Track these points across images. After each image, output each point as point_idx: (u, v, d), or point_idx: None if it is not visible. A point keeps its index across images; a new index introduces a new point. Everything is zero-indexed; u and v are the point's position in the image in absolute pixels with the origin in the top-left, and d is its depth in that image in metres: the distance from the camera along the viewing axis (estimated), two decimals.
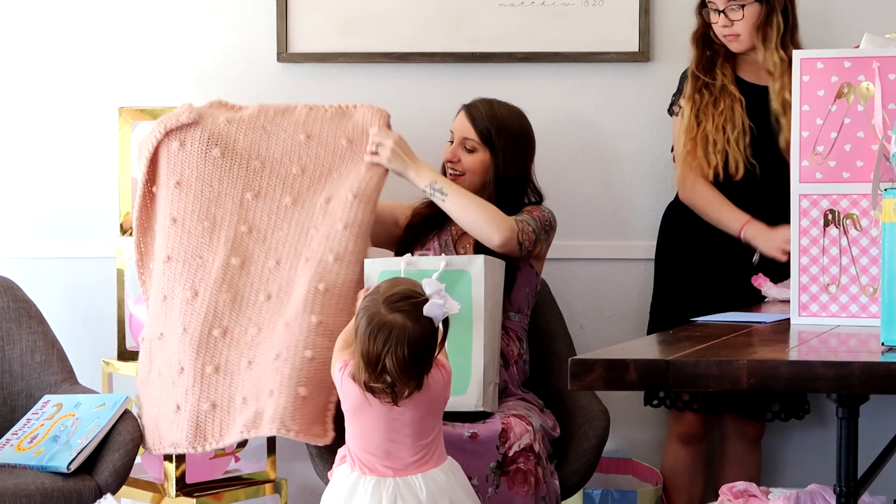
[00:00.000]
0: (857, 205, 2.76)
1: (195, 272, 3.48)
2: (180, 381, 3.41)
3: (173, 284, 3.50)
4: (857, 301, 2.76)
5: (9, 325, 3.68)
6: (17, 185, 4.18)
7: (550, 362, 3.71)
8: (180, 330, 3.45)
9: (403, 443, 2.94)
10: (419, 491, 2.91)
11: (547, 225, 3.54)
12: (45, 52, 4.16)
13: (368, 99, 4.06)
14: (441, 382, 2.97)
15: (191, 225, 3.50)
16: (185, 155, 3.52)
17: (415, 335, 2.87)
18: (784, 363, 2.17)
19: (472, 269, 3.27)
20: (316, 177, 3.57)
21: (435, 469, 2.95)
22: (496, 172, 3.54)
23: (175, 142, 3.53)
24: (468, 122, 3.58)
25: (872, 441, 3.07)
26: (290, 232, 3.53)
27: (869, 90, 2.75)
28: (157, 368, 3.49)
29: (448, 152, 3.60)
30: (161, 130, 3.53)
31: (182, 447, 3.40)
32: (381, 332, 2.86)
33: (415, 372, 2.88)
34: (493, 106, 3.60)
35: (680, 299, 3.77)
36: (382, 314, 2.88)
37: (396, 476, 2.93)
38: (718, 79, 3.75)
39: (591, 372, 2.18)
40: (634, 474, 4.01)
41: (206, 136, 3.53)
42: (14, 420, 3.58)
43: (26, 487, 3.20)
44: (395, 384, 2.87)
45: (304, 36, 4.11)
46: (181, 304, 3.47)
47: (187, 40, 4.15)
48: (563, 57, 4.08)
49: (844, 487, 2.39)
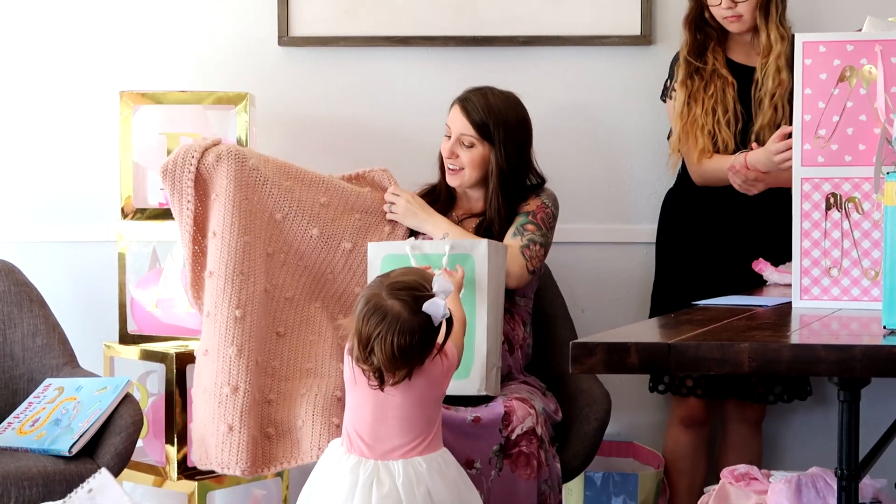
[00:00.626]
0: (859, 188, 2.76)
1: (240, 290, 3.39)
2: (233, 402, 3.31)
3: (216, 300, 3.40)
4: (859, 284, 2.76)
5: (10, 309, 3.68)
6: (18, 168, 4.18)
7: (552, 346, 3.71)
8: (233, 350, 3.34)
9: (392, 425, 2.91)
10: (396, 476, 2.88)
11: (551, 221, 3.55)
12: (46, 35, 4.16)
13: (370, 83, 4.06)
14: (440, 372, 2.93)
15: (230, 239, 3.41)
16: (221, 168, 3.46)
17: (408, 326, 2.83)
18: (786, 346, 2.16)
19: (476, 252, 3.27)
20: (340, 210, 3.59)
21: (419, 458, 2.91)
22: (498, 164, 3.52)
23: (210, 156, 3.47)
24: (464, 118, 3.54)
25: (874, 424, 3.07)
26: (307, 270, 3.55)
27: (871, 73, 2.74)
28: (203, 385, 3.41)
29: (445, 149, 3.58)
30: (199, 149, 3.47)
31: (233, 469, 3.30)
32: (375, 315, 2.84)
33: (402, 363, 2.84)
34: (486, 97, 3.56)
35: (681, 284, 3.78)
36: (381, 298, 2.86)
37: (377, 459, 2.91)
38: (710, 63, 3.75)
39: (592, 355, 2.18)
40: (636, 457, 4.02)
41: (237, 153, 3.49)
42: (15, 404, 3.58)
43: (28, 471, 3.20)
44: (382, 370, 2.86)
45: (305, 20, 4.11)
46: (230, 323, 3.36)
47: (188, 24, 4.14)
48: (566, 41, 4.07)
49: (846, 470, 2.39)
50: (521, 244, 3.47)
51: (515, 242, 3.47)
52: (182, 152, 3.48)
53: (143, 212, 3.81)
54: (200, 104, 3.84)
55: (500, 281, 3.35)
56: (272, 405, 3.38)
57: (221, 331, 3.37)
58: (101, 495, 3.06)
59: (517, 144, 3.56)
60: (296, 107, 4.13)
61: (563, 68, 4.10)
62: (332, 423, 3.29)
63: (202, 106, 3.85)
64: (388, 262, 3.29)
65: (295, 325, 3.49)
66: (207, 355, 3.40)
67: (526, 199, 3.57)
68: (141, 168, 3.87)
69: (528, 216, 3.52)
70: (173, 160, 3.48)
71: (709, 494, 3.28)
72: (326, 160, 4.12)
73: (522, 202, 3.57)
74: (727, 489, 3.22)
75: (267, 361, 3.42)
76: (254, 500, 3.86)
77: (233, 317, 3.36)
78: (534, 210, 3.54)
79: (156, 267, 3.89)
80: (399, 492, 2.87)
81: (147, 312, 3.81)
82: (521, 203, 3.57)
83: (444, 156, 3.58)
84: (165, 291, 3.79)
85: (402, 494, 2.86)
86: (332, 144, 4.13)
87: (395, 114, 4.09)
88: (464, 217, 3.62)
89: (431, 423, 2.96)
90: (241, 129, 3.78)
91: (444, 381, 2.97)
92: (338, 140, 4.13)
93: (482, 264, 3.25)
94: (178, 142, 3.78)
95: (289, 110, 4.13)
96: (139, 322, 3.84)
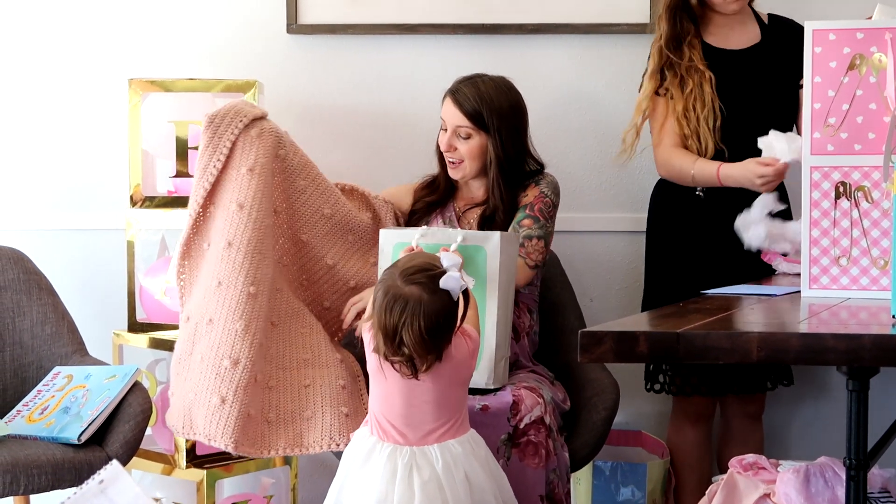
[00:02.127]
0: (868, 177, 2.75)
1: (257, 267, 3.37)
2: (230, 375, 3.28)
3: (231, 272, 3.35)
4: (868, 274, 2.75)
5: (19, 297, 3.68)
6: (27, 157, 4.18)
7: (560, 335, 3.71)
8: (240, 325, 3.31)
9: (424, 410, 2.94)
10: (435, 461, 2.92)
11: (550, 210, 3.54)
12: (54, 24, 4.16)
13: (378, 70, 4.06)
14: (465, 352, 2.96)
15: (257, 215, 3.38)
16: (261, 144, 3.45)
17: (431, 308, 2.86)
18: (795, 336, 2.16)
19: (489, 245, 3.25)
20: (338, 227, 3.59)
21: (452, 440, 2.95)
22: (496, 152, 3.51)
23: (255, 129, 3.47)
24: (457, 110, 3.52)
25: (882, 414, 3.06)
26: (285, 269, 3.55)
27: (881, 62, 2.73)
28: (200, 353, 3.36)
29: (443, 142, 3.56)
30: (249, 116, 3.47)
31: (218, 442, 3.27)
32: (398, 305, 2.86)
33: (432, 345, 2.87)
34: (477, 86, 3.53)
35: (673, 276, 3.74)
36: (399, 286, 2.87)
37: (413, 445, 2.94)
38: (686, 56, 3.69)
39: (601, 344, 2.18)
40: (644, 447, 4.02)
41: (277, 136, 3.50)
42: (25, 391, 3.59)
43: (37, 458, 3.21)
44: (414, 357, 2.87)
45: (313, 7, 4.10)
46: (242, 298, 3.33)
47: (197, 11, 4.14)
48: (573, 28, 4.07)
49: (854, 460, 2.39)
50: (523, 239, 3.46)
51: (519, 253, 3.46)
52: (232, 112, 3.46)
53: (151, 200, 3.81)
54: (209, 92, 3.84)
55: (512, 273, 3.34)
56: (273, 391, 3.37)
57: (232, 304, 3.33)
58: (112, 486, 3.07)
59: (512, 130, 3.54)
60: (304, 94, 4.13)
61: (571, 56, 4.10)
62: (342, 413, 3.29)
63: (211, 94, 3.85)
64: (399, 250, 3.28)
65: (286, 316, 3.47)
66: (211, 325, 3.35)
67: (525, 187, 3.56)
68: (150, 156, 3.87)
69: (526, 209, 3.51)
70: (221, 115, 3.45)
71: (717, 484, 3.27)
72: (335, 147, 4.12)
73: (522, 190, 3.57)
74: (735, 479, 3.21)
75: (266, 345, 3.41)
76: (262, 488, 3.86)
77: (246, 292, 3.33)
78: (531, 202, 3.53)
79: (164, 255, 3.90)
80: (440, 476, 2.90)
81: (156, 301, 3.82)
82: (520, 190, 3.56)
83: (443, 149, 3.57)
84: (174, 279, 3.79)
85: (443, 479, 2.90)
86: (340, 132, 4.13)
87: (403, 101, 4.09)
88: (466, 208, 3.62)
89: (461, 404, 3.00)
90: None
91: (470, 362, 3.00)
92: (346, 127, 4.13)
93: (494, 256, 3.24)
94: (186, 130, 3.78)
95: (297, 98, 4.13)
96: (148, 310, 3.85)
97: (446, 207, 3.62)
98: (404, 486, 2.89)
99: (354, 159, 4.07)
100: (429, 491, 2.89)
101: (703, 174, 3.63)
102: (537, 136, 3.67)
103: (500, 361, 3.26)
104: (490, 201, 3.56)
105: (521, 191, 3.56)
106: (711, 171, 3.61)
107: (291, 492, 3.86)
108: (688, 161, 3.67)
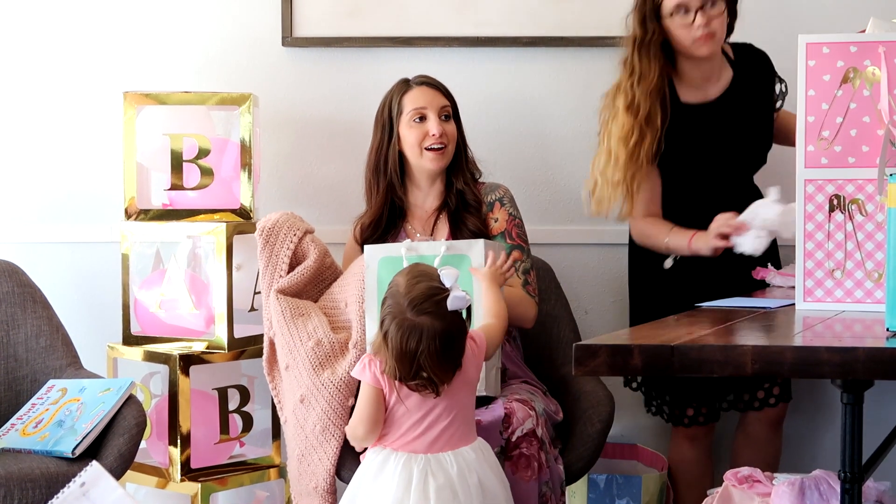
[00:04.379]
0: (862, 190, 2.75)
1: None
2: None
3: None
4: (862, 286, 2.75)
5: (13, 310, 3.68)
6: (22, 169, 4.18)
7: (555, 347, 3.71)
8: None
9: (440, 417, 2.95)
10: (449, 467, 2.93)
11: (524, 232, 3.57)
12: (49, 36, 4.16)
13: (374, 83, 4.06)
14: (471, 356, 2.99)
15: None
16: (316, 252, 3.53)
17: (445, 333, 2.89)
18: (789, 349, 2.16)
19: (472, 252, 3.25)
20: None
21: (465, 447, 2.98)
22: (461, 134, 3.58)
23: (306, 241, 3.54)
24: (436, 92, 3.56)
25: (877, 427, 3.07)
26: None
27: (875, 75, 2.74)
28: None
29: (434, 126, 3.50)
30: (301, 230, 3.53)
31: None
32: (413, 335, 2.88)
33: (450, 364, 2.91)
34: (427, 75, 3.62)
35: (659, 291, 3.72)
36: (410, 319, 2.89)
37: (427, 453, 2.95)
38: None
39: (595, 357, 2.18)
40: (639, 460, 4.01)
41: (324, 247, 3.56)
42: (19, 405, 3.58)
43: (31, 472, 3.20)
44: (433, 378, 2.90)
45: (309, 20, 4.11)
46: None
47: (192, 24, 4.14)
48: (569, 41, 4.07)
49: (849, 473, 2.39)
50: (521, 281, 3.48)
51: (516, 283, 3.46)
52: (286, 227, 3.52)
53: (146, 212, 3.81)
54: (204, 105, 3.84)
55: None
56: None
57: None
58: (94, 488, 3.05)
59: (459, 119, 3.61)
60: (299, 107, 4.13)
61: (567, 69, 4.10)
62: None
63: (206, 106, 3.85)
64: (384, 265, 3.26)
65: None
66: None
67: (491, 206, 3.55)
68: (144, 169, 3.87)
69: (506, 238, 3.51)
70: (276, 229, 3.52)
71: (712, 497, 3.27)
72: (329, 160, 4.13)
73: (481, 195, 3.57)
74: (730, 492, 3.21)
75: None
76: (257, 501, 3.86)
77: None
78: (507, 229, 3.53)
79: (159, 268, 3.89)
80: (455, 482, 2.92)
81: (150, 313, 3.81)
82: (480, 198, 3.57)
83: (432, 133, 3.51)
84: (169, 292, 3.79)
85: (457, 485, 2.92)
86: (335, 145, 4.13)
87: None
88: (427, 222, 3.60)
89: (468, 408, 3.02)
90: (245, 130, 3.78)
91: (474, 364, 3.02)
92: (341, 141, 4.13)
93: (479, 264, 3.24)
94: (181, 142, 3.78)
95: (292, 111, 4.13)
96: (142, 323, 3.84)
97: (399, 234, 3.60)
98: (419, 493, 2.91)
99: (348, 172, 4.07)
100: (443, 497, 2.90)
101: (677, 246, 3.58)
102: (531, 148, 3.67)
103: (492, 370, 3.26)
104: (455, 185, 3.55)
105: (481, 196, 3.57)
106: (683, 247, 3.55)
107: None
108: (662, 232, 3.62)
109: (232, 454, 3.84)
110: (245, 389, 3.83)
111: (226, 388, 3.79)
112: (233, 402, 3.80)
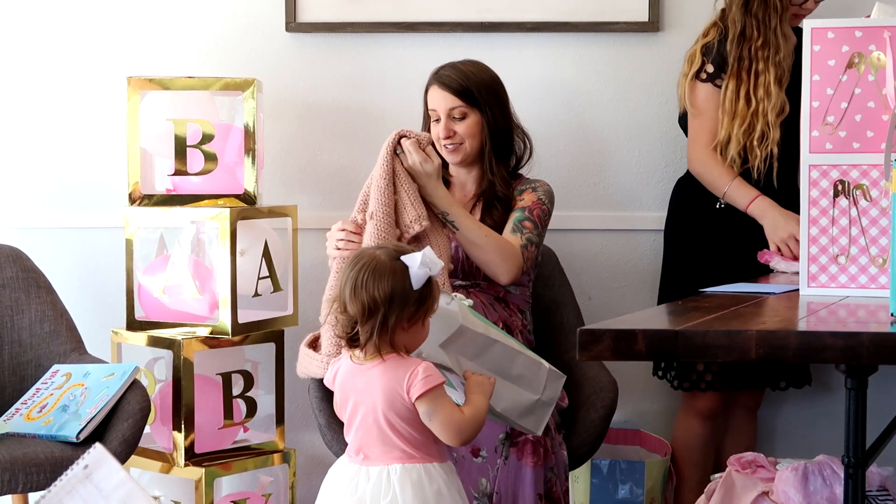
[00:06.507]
0: (867, 175, 2.75)
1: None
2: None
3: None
4: (867, 272, 2.75)
5: (18, 295, 3.68)
6: (26, 155, 4.18)
7: (559, 333, 3.71)
8: None
9: (370, 431, 2.77)
10: (368, 481, 2.78)
11: (546, 219, 3.54)
12: (53, 21, 4.16)
13: (377, 68, 4.06)
14: (404, 372, 2.72)
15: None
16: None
17: (383, 268, 2.69)
18: (793, 334, 2.16)
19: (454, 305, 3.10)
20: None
21: (396, 465, 2.75)
22: (489, 125, 3.54)
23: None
24: (447, 93, 3.53)
25: (881, 412, 3.07)
26: None
27: (880, 60, 2.73)
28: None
29: (441, 130, 3.53)
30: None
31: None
32: (353, 263, 2.74)
33: (375, 309, 2.67)
34: (455, 67, 3.57)
35: (691, 273, 3.75)
36: (362, 252, 2.78)
37: (362, 464, 2.80)
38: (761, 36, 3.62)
39: (599, 342, 2.18)
40: (642, 445, 4.02)
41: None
42: (23, 390, 3.59)
43: (36, 457, 3.21)
44: (357, 321, 2.71)
45: (312, 6, 4.10)
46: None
47: (196, 9, 4.14)
48: (573, 27, 4.07)
49: (852, 458, 2.39)
50: (521, 243, 3.46)
51: (515, 240, 3.45)
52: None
53: (150, 198, 3.81)
54: (208, 90, 3.84)
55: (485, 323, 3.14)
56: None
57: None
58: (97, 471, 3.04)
59: (500, 102, 3.57)
60: (303, 93, 4.13)
61: (570, 55, 4.09)
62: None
63: (210, 92, 3.85)
64: None
65: None
66: None
67: (522, 192, 3.55)
68: (148, 154, 3.87)
69: (525, 212, 3.51)
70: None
71: (715, 482, 3.28)
72: (333, 146, 4.12)
73: (517, 182, 3.58)
74: (734, 477, 3.22)
75: None
76: (261, 486, 3.86)
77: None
78: (530, 206, 3.52)
79: (163, 253, 3.89)
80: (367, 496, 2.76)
81: (154, 299, 3.82)
82: (514, 183, 3.57)
83: (442, 136, 3.54)
84: (173, 278, 3.79)
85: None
86: (339, 130, 4.13)
87: (402, 100, 4.08)
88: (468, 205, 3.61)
89: (414, 438, 2.77)
90: (249, 116, 3.78)
91: (406, 392, 2.72)
92: (345, 126, 4.13)
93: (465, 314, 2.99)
94: (185, 128, 3.78)
95: (296, 96, 4.13)
96: (146, 308, 3.85)
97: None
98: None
99: (353, 157, 4.07)
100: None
101: (735, 197, 3.64)
102: (535, 134, 3.67)
103: (545, 407, 3.06)
104: (486, 175, 3.55)
105: (516, 181, 3.56)
106: (743, 200, 3.62)
107: (290, 490, 3.87)
108: (725, 177, 3.65)
109: (236, 439, 3.85)
110: (249, 375, 3.84)
111: (230, 373, 3.79)
112: (237, 388, 3.80)
